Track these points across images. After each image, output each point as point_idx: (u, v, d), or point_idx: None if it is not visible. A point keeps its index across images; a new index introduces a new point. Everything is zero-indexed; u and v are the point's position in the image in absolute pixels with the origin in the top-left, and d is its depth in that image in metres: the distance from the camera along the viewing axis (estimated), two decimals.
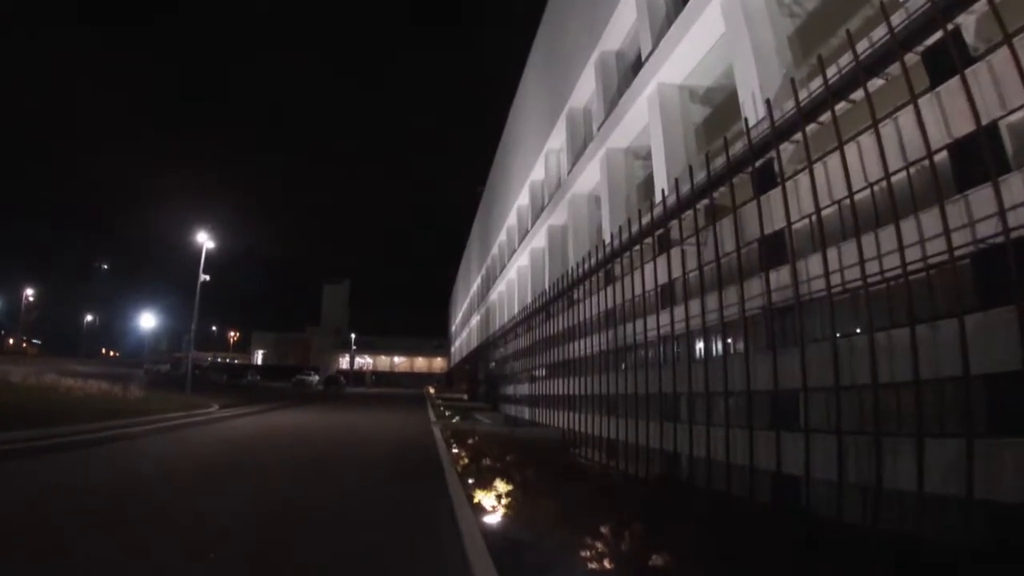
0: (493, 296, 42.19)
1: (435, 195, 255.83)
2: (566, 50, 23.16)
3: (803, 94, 8.89)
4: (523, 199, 31.91)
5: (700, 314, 10.71)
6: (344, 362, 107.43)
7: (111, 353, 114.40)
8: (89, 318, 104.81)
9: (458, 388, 64.46)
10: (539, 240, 27.10)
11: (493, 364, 38.81)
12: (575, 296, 18.74)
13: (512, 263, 33.69)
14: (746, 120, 10.12)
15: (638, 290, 13.43)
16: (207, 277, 25.54)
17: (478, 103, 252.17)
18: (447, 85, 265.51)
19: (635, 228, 13.83)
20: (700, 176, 11.42)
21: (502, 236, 39.06)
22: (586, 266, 17.14)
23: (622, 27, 18.10)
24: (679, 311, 11.59)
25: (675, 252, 12.00)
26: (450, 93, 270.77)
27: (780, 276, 9.13)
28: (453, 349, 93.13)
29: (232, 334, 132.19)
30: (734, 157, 10.37)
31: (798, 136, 9.26)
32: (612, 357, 15.00)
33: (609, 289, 15.20)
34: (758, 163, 9.75)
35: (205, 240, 25.64)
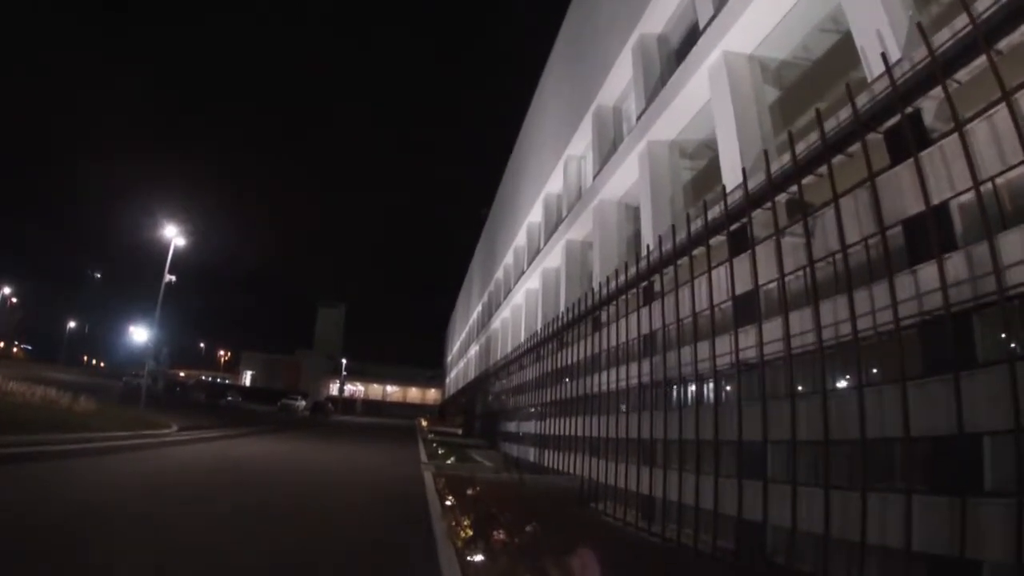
0: (495, 324, 38.97)
1: (438, 223, 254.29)
2: (595, 42, 20.52)
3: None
4: (535, 216, 29.01)
5: (813, 328, 7.61)
6: (335, 388, 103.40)
7: (99, 363, 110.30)
8: (72, 325, 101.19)
9: (452, 422, 60.77)
10: (553, 259, 24.07)
11: (492, 397, 35.39)
12: (602, 319, 15.64)
13: (519, 287, 30.61)
14: (884, 56, 7.17)
15: (699, 305, 10.35)
16: (173, 278, 22.33)
17: (486, 127, 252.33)
18: (454, 108, 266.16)
19: (697, 225, 10.79)
20: (801, 145, 8.47)
21: (508, 259, 36.07)
22: (619, 281, 14.07)
23: (667, 3, 15.38)
24: (772, 328, 8.50)
25: (761, 251, 8.98)
26: (457, 116, 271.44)
27: (953, 268, 6.11)
28: (448, 380, 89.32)
29: (222, 353, 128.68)
30: (864, 109, 7.47)
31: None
32: (653, 392, 11.82)
33: (651, 308, 12.11)
34: (908, 109, 6.83)
35: (174, 236, 22.48)
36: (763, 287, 8.91)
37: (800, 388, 8.11)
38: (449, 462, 16.70)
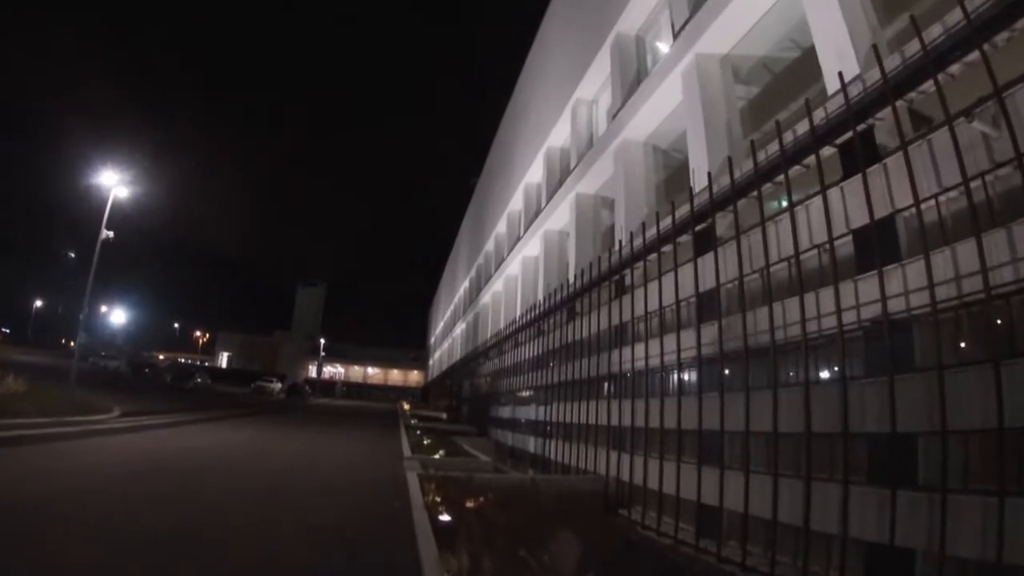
0: (485, 298, 35.81)
1: (422, 198, 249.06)
2: None
3: None
4: (534, 175, 25.82)
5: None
6: (314, 370, 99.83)
7: (70, 343, 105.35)
8: (39, 304, 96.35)
9: (435, 405, 57.78)
10: (558, 219, 20.94)
11: (482, 379, 32.35)
12: (627, 281, 12.64)
13: (514, 255, 27.47)
14: None
15: (802, 244, 7.40)
16: (111, 234, 18.67)
17: (475, 95, 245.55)
18: (440, 77, 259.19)
19: (789, 139, 7.78)
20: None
21: (500, 227, 32.86)
22: (660, 228, 11.00)
23: None
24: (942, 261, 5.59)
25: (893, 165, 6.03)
26: (443, 86, 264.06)
27: None
28: (431, 362, 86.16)
29: (198, 335, 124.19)
30: None
31: None
32: (722, 367, 8.82)
33: (717, 255, 9.08)
34: None
35: (114, 184, 18.66)
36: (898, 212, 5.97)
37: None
38: (437, 456, 13.63)
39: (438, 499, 8.02)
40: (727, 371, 8.85)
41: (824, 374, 7.35)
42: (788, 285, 7.87)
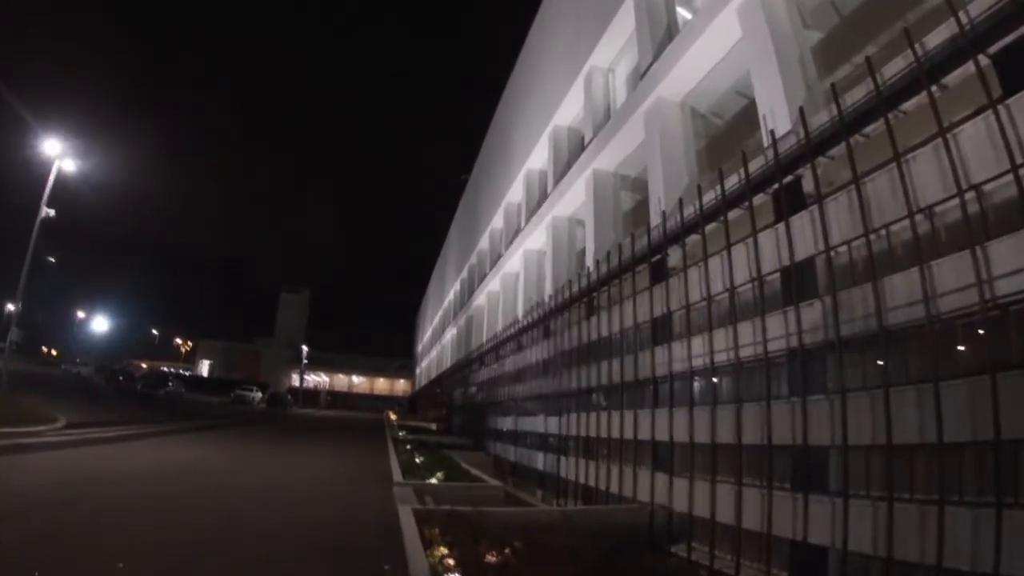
0: (479, 300, 33.33)
1: (408, 203, 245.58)
2: None
3: None
4: (536, 161, 23.50)
5: None
6: (297, 379, 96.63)
7: (51, 352, 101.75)
8: (11, 308, 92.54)
9: (424, 415, 55.11)
10: (568, 204, 18.55)
11: (477, 387, 29.85)
12: (670, 262, 10.34)
13: (513, 250, 25.08)
14: None
15: (922, 193, 5.17)
16: (52, 212, 15.96)
17: (465, 98, 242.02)
18: (424, 75, 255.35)
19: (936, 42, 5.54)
20: None
21: (496, 222, 30.50)
22: (721, 189, 8.73)
23: None
24: None
25: None
26: (428, 84, 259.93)
27: None
28: (419, 371, 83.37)
29: (179, 342, 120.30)
30: None
31: None
32: (839, 360, 6.53)
33: (816, 213, 6.82)
34: None
35: (58, 156, 15.92)
36: None
37: None
38: (435, 480, 11.11)
39: (444, 551, 5.61)
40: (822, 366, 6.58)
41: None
42: (936, 243, 5.61)
